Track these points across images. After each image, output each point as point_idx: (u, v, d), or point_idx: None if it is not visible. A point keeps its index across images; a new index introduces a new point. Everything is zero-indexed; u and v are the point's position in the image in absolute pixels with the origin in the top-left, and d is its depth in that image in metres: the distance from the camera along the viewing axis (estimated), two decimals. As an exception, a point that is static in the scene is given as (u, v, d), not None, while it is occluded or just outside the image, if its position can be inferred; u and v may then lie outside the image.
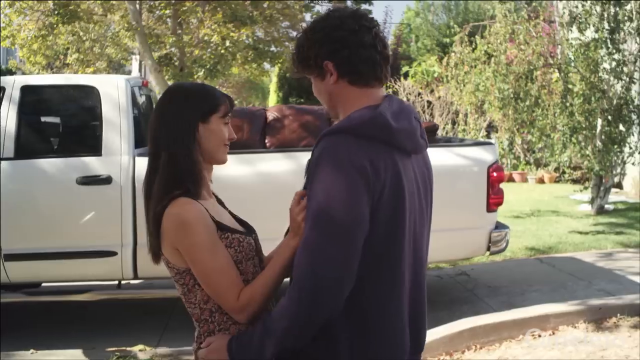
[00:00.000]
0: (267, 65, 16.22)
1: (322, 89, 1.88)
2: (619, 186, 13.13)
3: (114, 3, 12.51)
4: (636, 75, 10.09)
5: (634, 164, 10.15)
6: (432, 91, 16.36)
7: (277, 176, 5.19)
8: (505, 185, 13.55)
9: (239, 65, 14.54)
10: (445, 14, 25.33)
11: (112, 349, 4.99)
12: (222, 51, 12.82)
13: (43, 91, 5.67)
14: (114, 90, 5.34)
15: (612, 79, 10.10)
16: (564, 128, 10.01)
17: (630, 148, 10.26)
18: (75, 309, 5.94)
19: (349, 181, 1.68)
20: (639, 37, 9.91)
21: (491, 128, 14.49)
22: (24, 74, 17.51)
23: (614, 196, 11.83)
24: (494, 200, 5.55)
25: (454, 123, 15.69)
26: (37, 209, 5.17)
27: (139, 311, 5.96)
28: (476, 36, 11.77)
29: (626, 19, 9.85)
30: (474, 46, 11.79)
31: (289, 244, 1.82)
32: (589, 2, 9.93)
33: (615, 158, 10.36)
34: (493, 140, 12.54)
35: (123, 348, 5.02)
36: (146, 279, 5.66)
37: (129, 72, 24.56)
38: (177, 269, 1.90)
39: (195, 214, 1.84)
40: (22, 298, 5.36)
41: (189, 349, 4.34)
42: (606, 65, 10.03)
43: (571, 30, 10.33)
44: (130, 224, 5.11)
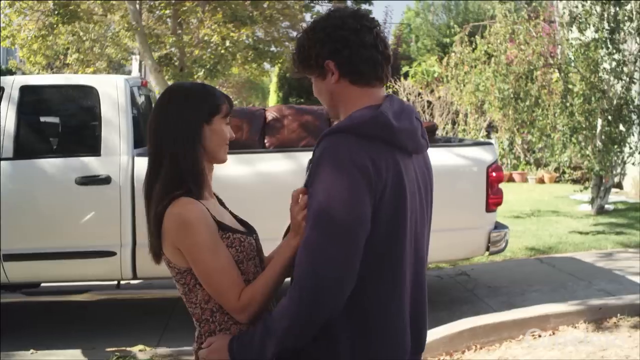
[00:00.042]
0: (267, 65, 16.23)
1: (322, 89, 1.87)
2: (619, 186, 13.12)
3: (114, 3, 12.51)
4: (636, 75, 10.08)
5: (634, 164, 10.14)
6: (432, 91, 16.36)
7: (276, 176, 5.18)
8: (505, 185, 13.60)
9: (239, 65, 14.54)
10: (445, 14, 25.34)
11: (112, 349, 4.99)
12: (222, 51, 12.82)
13: (42, 91, 5.67)
14: (113, 90, 5.33)
15: (612, 79, 10.10)
16: (564, 128, 10.01)
17: (631, 148, 10.25)
18: (75, 309, 5.93)
19: (350, 181, 1.67)
20: (639, 37, 9.91)
21: (491, 128, 14.48)
22: (24, 74, 17.51)
23: (614, 196, 11.83)
24: (493, 200, 5.55)
25: (454, 123, 15.68)
26: (36, 209, 5.16)
27: (139, 311, 5.96)
28: (476, 36, 11.77)
29: (626, 19, 9.85)
30: (474, 46, 11.79)
31: (290, 243, 1.82)
32: (589, 2, 9.93)
33: (615, 158, 10.36)
34: (493, 140, 12.54)
35: (123, 348, 5.02)
36: (145, 279, 5.66)
37: (129, 72, 24.56)
38: (178, 269, 1.90)
39: (196, 213, 1.84)
40: (21, 298, 5.36)
41: (189, 349, 4.34)
42: (606, 65, 10.03)
43: (571, 30, 10.33)
44: (129, 224, 5.11)
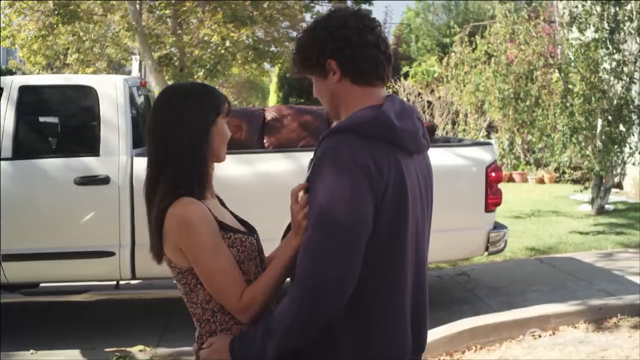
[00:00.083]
0: (267, 66, 16.21)
1: (324, 89, 1.87)
2: (619, 186, 13.12)
3: (114, 3, 12.50)
4: (636, 76, 10.08)
5: (634, 164, 10.14)
6: (432, 91, 16.36)
7: (275, 176, 5.18)
8: (506, 185, 13.62)
9: (239, 66, 14.53)
10: (446, 14, 25.35)
11: (112, 349, 4.99)
12: (222, 51, 12.81)
13: (41, 91, 5.66)
14: (112, 91, 5.33)
15: (612, 79, 10.10)
16: (564, 128, 10.01)
17: (631, 148, 10.25)
18: (75, 310, 5.93)
19: (352, 180, 1.67)
20: (639, 37, 9.91)
21: (491, 128, 14.48)
22: (24, 74, 17.50)
23: (614, 196, 11.83)
24: (492, 200, 5.54)
25: (454, 123, 15.68)
26: (35, 209, 5.16)
27: (138, 311, 5.96)
28: (476, 36, 11.77)
29: (626, 19, 9.85)
30: (474, 46, 11.79)
31: (291, 243, 1.82)
32: (589, 2, 9.93)
33: (615, 158, 10.36)
34: (493, 140, 12.54)
35: (123, 348, 5.02)
36: (144, 279, 5.65)
37: (129, 72, 24.55)
38: (180, 269, 1.89)
39: (198, 214, 1.84)
40: (20, 298, 5.35)
41: (189, 349, 4.33)
42: (606, 66, 10.03)
43: (571, 31, 10.33)
44: (128, 224, 5.11)
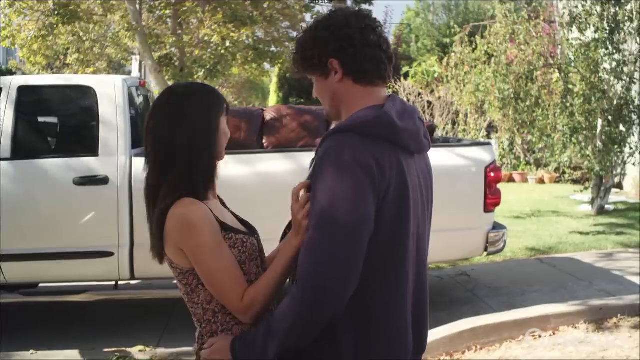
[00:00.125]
0: (267, 66, 16.20)
1: (325, 88, 1.87)
2: (619, 186, 13.12)
3: (114, 3, 12.50)
4: (636, 76, 10.08)
5: (635, 164, 10.14)
6: (432, 91, 16.36)
7: (275, 176, 5.17)
8: (506, 185, 13.62)
9: (239, 66, 14.53)
10: (446, 14, 25.34)
11: (112, 349, 4.99)
12: (222, 51, 12.80)
13: (40, 91, 5.65)
14: (110, 91, 5.32)
15: (612, 79, 10.09)
16: (564, 128, 10.01)
17: (631, 148, 10.25)
18: (75, 310, 5.93)
19: (354, 180, 1.67)
20: (639, 37, 9.91)
21: (491, 128, 14.48)
22: (24, 74, 17.49)
23: (614, 196, 11.83)
24: (491, 200, 5.53)
25: (454, 123, 15.68)
26: (33, 209, 5.15)
27: (138, 312, 5.95)
28: (476, 36, 11.77)
29: (626, 19, 9.84)
30: (474, 46, 11.79)
31: (291, 243, 1.81)
32: (589, 2, 9.93)
33: (615, 158, 10.36)
34: (493, 140, 12.53)
35: (123, 349, 5.02)
36: (143, 280, 5.65)
37: (129, 73, 24.56)
38: (181, 269, 1.89)
39: (200, 214, 1.84)
40: (18, 299, 5.34)
41: (189, 349, 4.34)
42: (606, 66, 10.03)
43: (571, 31, 10.33)
44: (127, 224, 5.10)
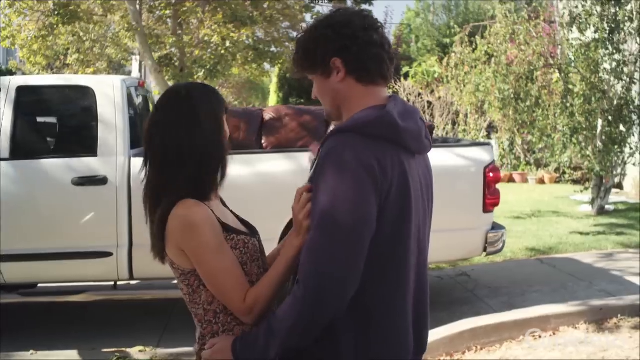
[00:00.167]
0: (267, 66, 16.18)
1: (326, 88, 1.86)
2: (619, 187, 13.12)
3: (114, 3, 12.49)
4: (636, 76, 10.08)
5: (635, 164, 10.14)
6: (432, 92, 16.35)
7: (274, 176, 5.17)
8: (506, 185, 13.63)
9: (239, 66, 14.51)
10: (446, 14, 25.31)
11: (112, 349, 4.99)
12: (222, 51, 12.79)
13: (39, 92, 5.65)
14: (109, 91, 5.32)
15: (612, 79, 10.09)
16: (564, 128, 10.01)
17: (631, 148, 10.25)
18: (75, 310, 5.93)
19: (355, 180, 1.67)
20: (639, 37, 9.91)
21: (491, 128, 14.48)
22: (24, 74, 17.48)
23: (614, 197, 11.83)
24: (490, 200, 5.53)
25: (454, 123, 15.68)
26: (32, 209, 5.15)
27: (138, 312, 5.95)
28: (476, 36, 11.76)
29: (626, 19, 9.84)
30: (474, 46, 11.79)
31: (293, 243, 1.81)
32: (589, 2, 9.93)
33: (615, 158, 10.36)
34: (493, 140, 12.53)
35: (122, 349, 5.02)
36: (142, 280, 5.64)
37: (129, 73, 24.55)
38: (182, 270, 1.89)
39: (202, 215, 1.84)
40: (17, 299, 5.33)
41: (189, 350, 4.33)
42: (606, 66, 10.03)
43: (571, 31, 10.33)
44: (125, 224, 5.10)
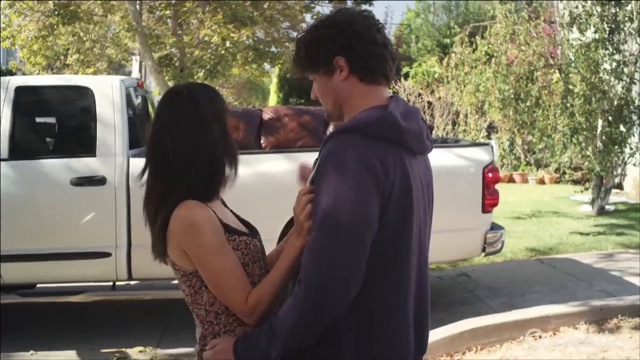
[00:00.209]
0: (267, 66, 16.18)
1: (328, 87, 1.85)
2: (619, 187, 13.11)
3: (114, 4, 12.50)
4: (637, 76, 10.08)
5: (635, 164, 10.13)
6: (432, 92, 16.36)
7: (273, 177, 5.17)
8: (506, 186, 13.63)
9: (239, 66, 14.51)
10: (446, 14, 25.31)
11: (111, 350, 4.99)
12: (223, 52, 12.79)
13: (37, 92, 5.65)
14: (108, 91, 5.33)
15: (612, 79, 10.09)
16: (564, 129, 10.00)
17: (631, 149, 10.25)
18: (75, 310, 5.92)
19: (357, 180, 1.66)
20: (639, 37, 9.90)
21: (491, 129, 14.48)
22: (24, 74, 17.48)
23: (614, 197, 11.83)
24: (489, 201, 5.52)
25: (454, 124, 15.68)
26: (31, 209, 5.15)
27: (138, 312, 5.95)
28: (476, 37, 11.76)
29: (626, 19, 9.84)
30: (474, 47, 11.78)
31: (294, 244, 1.81)
32: (589, 2, 9.93)
33: (615, 159, 10.35)
34: (493, 141, 12.53)
35: (122, 349, 5.02)
36: (140, 280, 5.65)
37: (130, 73, 24.55)
38: (184, 271, 1.89)
39: (203, 216, 1.83)
40: (16, 299, 5.33)
41: (189, 350, 4.33)
42: (607, 66, 10.03)
43: (571, 31, 10.32)
44: (124, 225, 5.10)
